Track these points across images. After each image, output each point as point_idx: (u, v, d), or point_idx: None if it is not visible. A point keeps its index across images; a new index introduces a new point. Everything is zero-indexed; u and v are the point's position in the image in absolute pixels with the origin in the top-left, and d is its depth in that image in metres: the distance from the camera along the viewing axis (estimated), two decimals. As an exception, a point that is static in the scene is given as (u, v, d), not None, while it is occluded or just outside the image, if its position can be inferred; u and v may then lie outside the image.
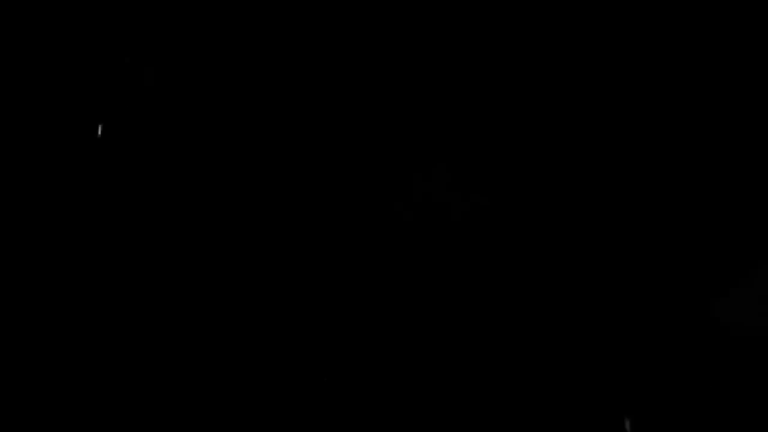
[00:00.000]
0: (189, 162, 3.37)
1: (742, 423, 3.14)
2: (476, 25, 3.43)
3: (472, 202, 3.33)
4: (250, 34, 3.44)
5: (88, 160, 3.34)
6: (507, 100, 3.42)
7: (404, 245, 3.31)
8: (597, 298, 3.30)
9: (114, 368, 3.27)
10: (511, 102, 3.41)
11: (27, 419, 3.20)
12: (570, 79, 3.40)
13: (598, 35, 3.41)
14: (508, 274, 3.32)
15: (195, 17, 3.43)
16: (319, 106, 3.43)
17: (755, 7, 3.35)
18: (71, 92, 3.38)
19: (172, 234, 3.35)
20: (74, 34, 3.38)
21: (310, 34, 3.44)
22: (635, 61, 3.39)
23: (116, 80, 3.36)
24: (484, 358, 3.30)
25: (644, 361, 3.23)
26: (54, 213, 3.33)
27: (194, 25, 3.43)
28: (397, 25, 3.43)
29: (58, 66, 3.38)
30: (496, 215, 3.33)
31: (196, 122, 3.39)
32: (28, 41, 3.37)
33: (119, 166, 3.36)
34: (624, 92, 3.39)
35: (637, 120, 3.38)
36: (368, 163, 3.37)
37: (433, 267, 3.32)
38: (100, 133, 3.34)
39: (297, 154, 3.40)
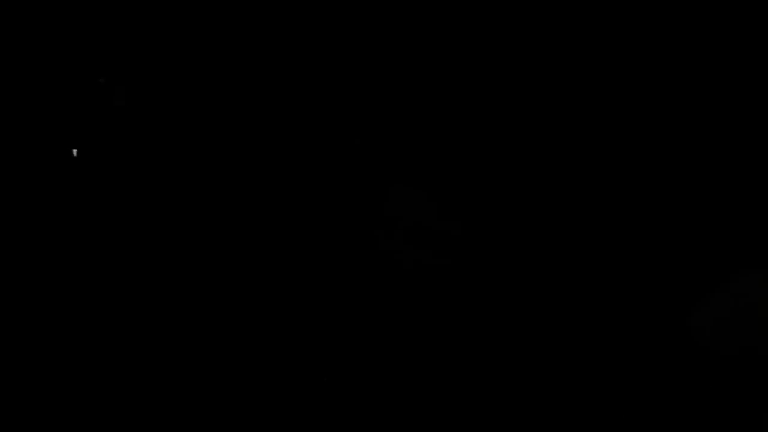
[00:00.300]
0: (161, 179, 3.37)
1: None
2: (448, 53, 3.42)
3: (446, 228, 3.34)
4: (219, 58, 3.44)
5: (64, 178, 3.34)
6: (482, 130, 3.41)
7: (380, 268, 3.33)
8: (573, 319, 3.30)
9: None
10: (486, 132, 3.41)
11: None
12: (541, 112, 3.40)
13: (567, 59, 3.41)
14: (481, 297, 3.33)
15: (166, 37, 3.42)
16: (295, 129, 3.43)
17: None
18: (47, 111, 3.37)
19: (142, 252, 3.36)
20: (48, 55, 3.37)
21: (283, 56, 3.43)
22: (604, 95, 3.39)
23: (89, 100, 3.36)
24: (463, 369, 3.31)
25: (621, 379, 3.23)
26: (29, 230, 3.33)
27: (165, 45, 3.42)
28: (368, 51, 3.43)
29: (34, 85, 3.37)
30: (470, 242, 3.34)
31: (168, 140, 3.39)
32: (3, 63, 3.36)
33: (95, 182, 3.36)
34: (596, 121, 3.39)
35: (601, 151, 3.37)
36: (345, 184, 3.38)
37: (410, 288, 3.33)
38: (75, 153, 3.34)
39: (272, 173, 3.40)
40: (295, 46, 3.45)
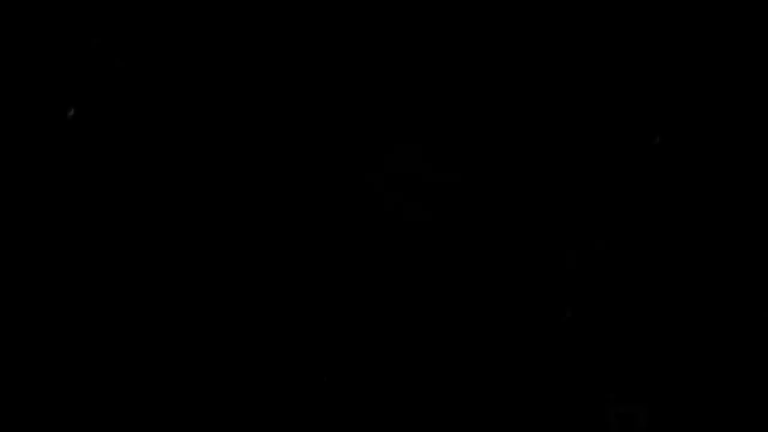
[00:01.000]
0: (161, 147, 3.33)
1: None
2: (447, 18, 3.41)
3: (444, 179, 3.32)
4: (222, 25, 3.41)
5: (58, 144, 3.29)
6: (482, 86, 3.40)
7: (378, 222, 3.31)
8: (569, 279, 3.29)
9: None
10: (486, 87, 3.40)
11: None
12: (543, 68, 3.39)
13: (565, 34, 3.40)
14: (477, 253, 3.31)
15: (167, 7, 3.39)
16: (298, 86, 3.41)
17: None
18: (40, 77, 3.32)
19: (142, 225, 3.32)
20: (41, 18, 3.32)
21: (283, 22, 3.41)
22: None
23: (85, 63, 3.30)
24: (465, 349, 3.30)
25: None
26: (23, 200, 3.28)
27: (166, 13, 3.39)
28: (370, 15, 3.41)
29: (26, 50, 3.32)
30: (468, 192, 3.32)
31: (168, 107, 3.35)
32: None
33: (90, 150, 3.31)
34: (584, 89, 3.39)
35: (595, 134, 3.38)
36: (345, 140, 3.36)
37: (405, 246, 3.31)
38: (71, 115, 3.29)
39: (274, 131, 3.38)
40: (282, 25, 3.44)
